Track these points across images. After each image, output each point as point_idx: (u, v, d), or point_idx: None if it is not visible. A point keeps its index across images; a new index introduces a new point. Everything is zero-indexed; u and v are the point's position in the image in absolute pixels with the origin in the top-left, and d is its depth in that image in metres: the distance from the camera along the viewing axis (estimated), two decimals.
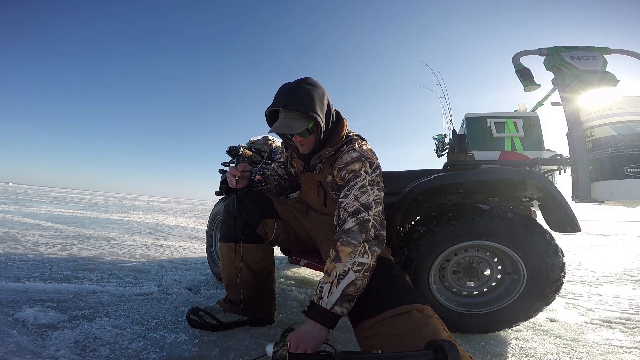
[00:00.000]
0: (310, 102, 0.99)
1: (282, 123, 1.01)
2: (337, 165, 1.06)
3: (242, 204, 1.20)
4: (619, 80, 1.39)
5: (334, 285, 0.83)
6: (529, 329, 1.44)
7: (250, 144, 2.26)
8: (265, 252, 1.24)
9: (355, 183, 0.98)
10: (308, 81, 1.03)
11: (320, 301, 0.84)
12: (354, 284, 0.83)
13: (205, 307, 1.20)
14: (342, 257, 0.86)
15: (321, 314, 0.82)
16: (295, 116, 1.00)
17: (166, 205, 15.57)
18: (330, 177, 1.12)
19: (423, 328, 0.75)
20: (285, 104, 0.99)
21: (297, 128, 1.00)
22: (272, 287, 1.29)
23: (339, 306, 0.82)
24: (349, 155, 1.04)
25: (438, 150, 1.94)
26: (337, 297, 0.82)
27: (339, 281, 0.83)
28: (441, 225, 1.28)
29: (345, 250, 0.86)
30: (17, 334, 1.06)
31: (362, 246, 0.86)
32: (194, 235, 4.61)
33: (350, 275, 0.83)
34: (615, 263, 3.46)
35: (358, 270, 0.84)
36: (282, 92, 1.02)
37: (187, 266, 2.50)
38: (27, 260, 2.18)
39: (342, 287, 0.83)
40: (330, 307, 0.82)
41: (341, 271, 0.84)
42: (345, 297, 0.83)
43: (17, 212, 5.67)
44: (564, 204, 1.28)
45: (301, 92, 0.99)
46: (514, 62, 1.58)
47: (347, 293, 0.83)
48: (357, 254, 0.85)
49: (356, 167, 1.00)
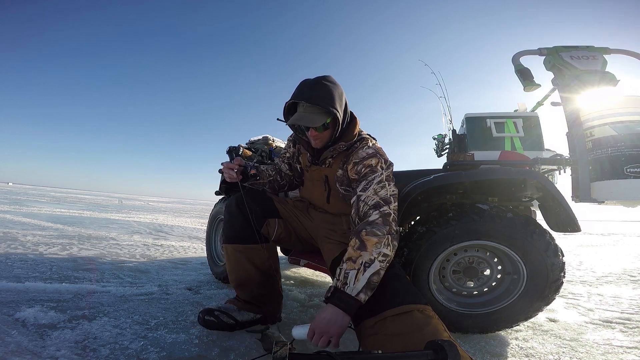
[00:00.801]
0: (330, 98, 1.02)
1: (301, 116, 1.04)
2: (352, 160, 1.08)
3: (244, 204, 1.20)
4: (618, 80, 1.39)
5: (360, 272, 0.83)
6: (529, 329, 1.45)
7: (250, 144, 2.26)
8: (271, 251, 1.25)
9: (374, 178, 1.00)
10: (328, 79, 1.07)
11: (346, 287, 0.82)
12: (378, 274, 0.84)
13: (219, 307, 1.19)
14: (367, 246, 0.86)
15: (346, 300, 0.81)
16: (315, 110, 1.03)
17: (166, 205, 15.57)
18: (342, 172, 1.14)
19: (424, 328, 0.75)
20: (307, 98, 1.02)
21: (316, 122, 1.03)
22: (279, 285, 1.30)
23: (364, 293, 0.82)
24: (364, 151, 1.07)
25: (438, 150, 1.94)
26: (363, 285, 0.82)
27: (366, 269, 0.83)
28: (441, 225, 1.28)
29: (371, 240, 0.87)
30: (17, 334, 1.06)
31: (386, 238, 0.88)
32: (194, 235, 4.61)
33: (376, 265, 0.84)
34: (615, 263, 3.46)
35: (382, 260, 0.85)
36: (303, 86, 1.05)
37: (187, 266, 2.50)
38: (27, 260, 2.18)
39: (367, 275, 0.83)
40: (356, 293, 0.81)
41: (367, 259, 0.84)
42: (370, 286, 0.83)
43: (17, 212, 5.67)
44: (563, 204, 1.28)
45: (322, 88, 1.03)
46: (514, 62, 1.58)
47: (372, 281, 0.83)
48: (382, 245, 0.87)
49: (372, 162, 1.04)
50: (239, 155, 2.04)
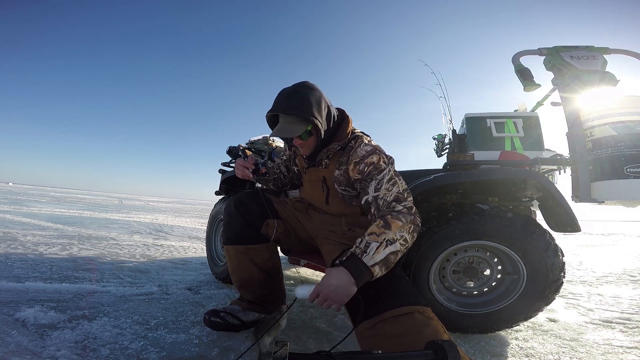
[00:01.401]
0: (307, 106, 1.01)
1: (281, 127, 1.04)
2: (352, 160, 1.06)
3: (243, 205, 1.20)
4: (618, 80, 1.39)
5: (382, 246, 0.82)
6: (529, 329, 1.45)
7: (250, 144, 2.25)
8: (271, 251, 1.25)
9: (383, 176, 0.99)
10: (305, 85, 1.06)
11: (364, 255, 0.81)
12: (396, 254, 0.83)
13: (224, 308, 1.20)
14: (392, 227, 0.86)
15: (360, 268, 0.79)
16: (294, 120, 1.03)
17: (166, 205, 15.56)
18: (339, 172, 1.12)
19: (424, 329, 0.75)
20: (283, 109, 1.02)
21: (295, 132, 1.03)
22: (282, 283, 1.31)
23: (379, 268, 0.81)
24: (363, 149, 1.05)
25: (438, 150, 1.94)
26: (381, 259, 0.81)
27: (387, 245, 0.83)
28: (441, 225, 1.28)
29: (396, 222, 0.87)
30: (17, 334, 1.06)
31: (409, 225, 0.88)
32: (194, 235, 4.61)
33: (397, 245, 0.84)
34: (615, 263, 3.46)
35: (403, 244, 0.85)
36: (280, 97, 1.05)
37: (187, 266, 2.50)
38: (27, 260, 2.18)
39: (387, 252, 0.82)
40: (372, 264, 0.80)
41: (390, 238, 0.84)
42: (386, 263, 0.82)
43: (17, 212, 5.67)
44: (563, 204, 1.28)
45: (298, 97, 1.02)
46: (514, 62, 1.58)
47: (389, 259, 0.82)
48: (405, 230, 0.87)
49: (374, 159, 1.02)
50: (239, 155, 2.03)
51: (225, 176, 2.13)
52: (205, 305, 1.54)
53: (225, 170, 2.21)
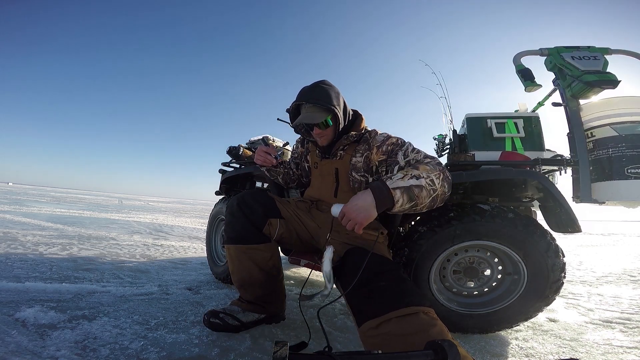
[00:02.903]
0: (328, 97, 1.16)
1: (304, 116, 1.17)
2: (374, 145, 1.20)
3: (246, 204, 1.20)
4: (619, 81, 1.39)
5: (407, 177, 0.87)
6: (529, 329, 1.44)
7: (250, 144, 2.25)
8: (273, 251, 1.25)
9: (407, 147, 1.12)
10: (325, 82, 1.21)
11: (388, 180, 0.86)
12: (420, 188, 0.86)
13: (224, 309, 1.19)
14: (420, 168, 0.92)
15: (381, 189, 0.85)
16: (316, 109, 1.16)
17: (166, 205, 15.56)
18: (357, 160, 1.22)
19: (431, 329, 0.75)
20: (307, 99, 1.16)
21: (318, 118, 1.15)
22: (282, 284, 1.30)
23: (400, 193, 0.84)
24: (381, 135, 1.21)
25: (438, 151, 1.94)
26: (404, 185, 0.85)
27: (412, 177, 0.87)
28: (442, 225, 1.28)
29: (424, 167, 0.93)
30: (17, 334, 1.06)
31: (437, 172, 0.92)
32: (194, 235, 4.60)
33: (422, 181, 0.87)
34: (615, 263, 3.46)
35: (429, 184, 0.88)
36: (304, 90, 1.19)
37: (187, 266, 2.50)
38: (27, 260, 2.17)
39: (411, 182, 0.86)
40: (394, 187, 0.84)
41: (416, 174, 0.89)
42: (409, 192, 0.85)
43: (17, 212, 5.67)
44: (564, 205, 1.28)
45: (320, 90, 1.17)
46: (515, 62, 1.58)
47: (412, 190, 0.85)
48: (433, 173, 0.91)
49: (393, 140, 1.17)
50: (239, 155, 2.03)
51: (225, 176, 2.13)
52: (205, 305, 1.53)
53: (226, 170, 2.21)
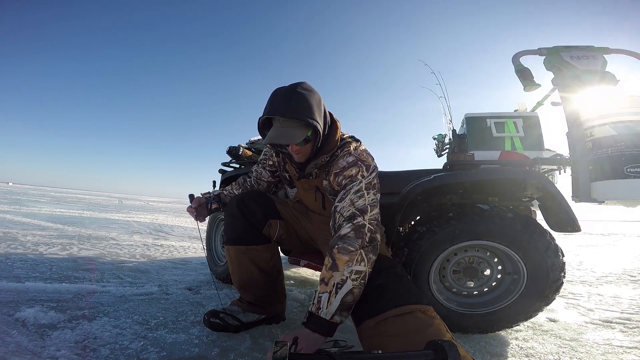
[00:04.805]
0: (308, 109, 0.93)
1: (279, 133, 0.94)
2: (333, 171, 1.01)
3: (245, 206, 1.19)
4: (618, 80, 1.39)
5: (332, 295, 0.81)
6: (529, 329, 1.44)
7: (250, 144, 2.25)
8: (273, 251, 1.24)
9: (352, 187, 0.94)
10: (304, 86, 0.96)
11: (319, 312, 0.81)
12: (351, 293, 0.81)
13: (224, 309, 1.19)
14: (339, 266, 0.83)
15: (320, 324, 0.80)
16: (294, 124, 0.93)
17: (166, 205, 15.55)
18: (327, 182, 1.09)
19: (427, 328, 0.75)
20: (283, 112, 0.92)
21: (296, 137, 0.94)
22: (282, 284, 1.30)
23: (338, 315, 0.81)
24: (345, 160, 1.00)
25: (438, 150, 1.94)
26: (337, 307, 0.80)
27: (337, 290, 0.81)
28: (441, 226, 1.28)
29: (342, 258, 0.84)
30: (17, 334, 1.06)
31: (358, 254, 0.84)
32: (194, 235, 4.60)
33: (349, 284, 0.81)
34: (615, 263, 3.45)
35: (355, 278, 0.82)
36: (276, 98, 0.94)
37: (187, 266, 2.50)
38: (27, 260, 2.18)
39: (340, 297, 0.81)
40: (330, 317, 0.80)
41: (339, 280, 0.82)
42: (344, 306, 0.81)
43: (17, 212, 5.67)
44: (564, 204, 1.28)
45: (298, 98, 0.92)
46: (514, 62, 1.58)
47: (346, 302, 0.81)
48: (355, 262, 0.83)
49: (353, 172, 0.97)
50: (239, 155, 2.03)
51: (225, 176, 2.13)
52: (205, 305, 1.53)
53: (225, 170, 2.21)
